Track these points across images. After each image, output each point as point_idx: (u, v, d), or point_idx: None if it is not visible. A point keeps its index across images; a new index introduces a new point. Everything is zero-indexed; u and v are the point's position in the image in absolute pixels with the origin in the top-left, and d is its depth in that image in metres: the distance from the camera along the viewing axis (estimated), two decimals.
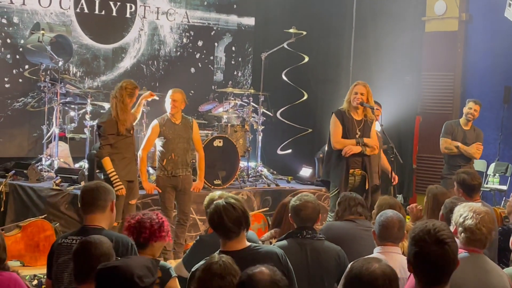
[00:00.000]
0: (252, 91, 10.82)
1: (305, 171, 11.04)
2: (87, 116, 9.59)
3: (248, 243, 4.29)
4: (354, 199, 5.96)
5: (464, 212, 4.12)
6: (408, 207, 6.50)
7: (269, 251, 4.32)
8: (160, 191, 8.10)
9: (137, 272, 3.32)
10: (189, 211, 8.32)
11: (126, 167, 7.63)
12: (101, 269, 3.38)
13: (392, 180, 8.06)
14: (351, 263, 3.36)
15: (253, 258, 3.52)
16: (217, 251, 4.19)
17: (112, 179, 7.44)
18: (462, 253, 3.88)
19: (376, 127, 8.34)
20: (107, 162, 7.54)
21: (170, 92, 8.12)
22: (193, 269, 4.09)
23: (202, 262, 4.08)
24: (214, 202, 4.35)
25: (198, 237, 5.40)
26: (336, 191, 7.74)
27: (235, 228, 4.20)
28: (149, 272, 3.39)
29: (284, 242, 5.07)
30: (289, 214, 5.22)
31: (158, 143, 8.17)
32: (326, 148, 8.39)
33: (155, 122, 8.12)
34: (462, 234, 4.04)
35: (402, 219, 4.75)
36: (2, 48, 10.35)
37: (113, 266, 3.37)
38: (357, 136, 7.98)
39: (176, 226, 8.15)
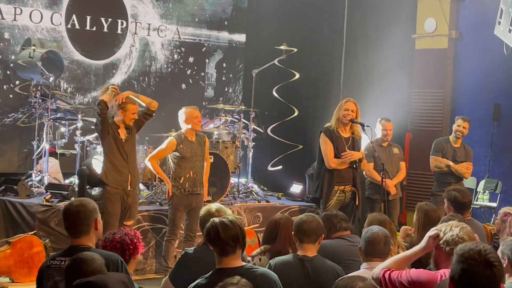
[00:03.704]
0: (243, 107, 10.84)
1: (296, 188, 11.04)
2: (78, 132, 9.55)
3: (243, 263, 4.28)
4: (336, 216, 5.94)
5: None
6: (401, 227, 6.49)
7: (265, 273, 4.28)
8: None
9: (112, 286, 3.31)
10: (197, 229, 8.00)
11: (116, 172, 7.64)
12: (77, 284, 3.39)
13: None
14: (336, 280, 3.36)
15: (248, 278, 3.51)
16: (209, 271, 4.19)
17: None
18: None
19: (366, 144, 8.38)
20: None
21: (189, 109, 8.17)
22: (192, 285, 4.13)
23: (200, 280, 4.10)
24: (211, 219, 4.33)
25: (183, 252, 5.34)
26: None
27: (232, 243, 4.17)
28: (124, 287, 3.38)
29: (285, 257, 5.05)
30: (292, 232, 5.14)
31: (173, 160, 8.12)
32: (316, 166, 8.42)
33: (171, 138, 8.11)
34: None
35: (387, 234, 4.72)
36: None
37: (88, 281, 3.38)
38: None
39: (184, 242, 8.12)
